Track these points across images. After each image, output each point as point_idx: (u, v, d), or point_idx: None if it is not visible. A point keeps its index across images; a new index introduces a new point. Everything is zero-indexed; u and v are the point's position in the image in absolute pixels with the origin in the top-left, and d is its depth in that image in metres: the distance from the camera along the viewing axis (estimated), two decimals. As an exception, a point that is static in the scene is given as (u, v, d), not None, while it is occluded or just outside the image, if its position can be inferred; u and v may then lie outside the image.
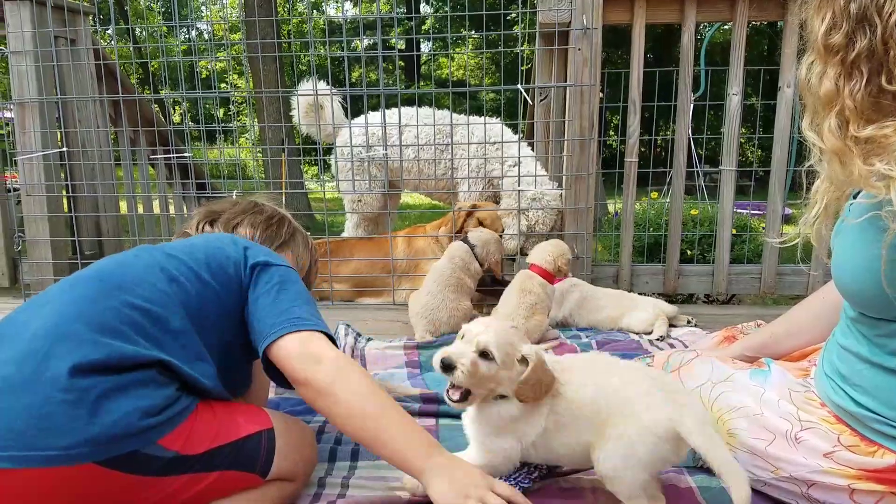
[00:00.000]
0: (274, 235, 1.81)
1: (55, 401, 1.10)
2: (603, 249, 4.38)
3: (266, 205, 1.89)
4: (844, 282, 1.28)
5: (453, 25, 3.45)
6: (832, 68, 1.14)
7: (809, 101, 1.21)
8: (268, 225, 1.81)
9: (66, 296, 1.29)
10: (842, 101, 1.13)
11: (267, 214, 1.84)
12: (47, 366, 1.13)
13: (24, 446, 1.07)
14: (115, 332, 1.21)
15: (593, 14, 3.01)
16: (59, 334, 1.18)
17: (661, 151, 10.33)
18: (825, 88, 1.15)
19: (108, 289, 1.29)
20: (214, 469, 1.25)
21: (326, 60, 3.39)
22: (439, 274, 2.81)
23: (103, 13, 3.70)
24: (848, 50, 1.12)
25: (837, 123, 1.14)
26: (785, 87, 3.03)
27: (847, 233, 1.27)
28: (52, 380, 1.12)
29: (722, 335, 2.06)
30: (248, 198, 1.95)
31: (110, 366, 1.16)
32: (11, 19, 3.28)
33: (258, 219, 1.80)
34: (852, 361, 1.30)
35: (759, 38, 16.81)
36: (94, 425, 1.10)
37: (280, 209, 1.92)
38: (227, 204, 1.85)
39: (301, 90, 3.93)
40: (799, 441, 1.34)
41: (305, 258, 1.90)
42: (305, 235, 1.95)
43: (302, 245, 1.90)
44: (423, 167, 3.77)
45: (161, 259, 1.41)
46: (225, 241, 1.54)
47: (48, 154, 3.38)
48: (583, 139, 3.13)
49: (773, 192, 3.13)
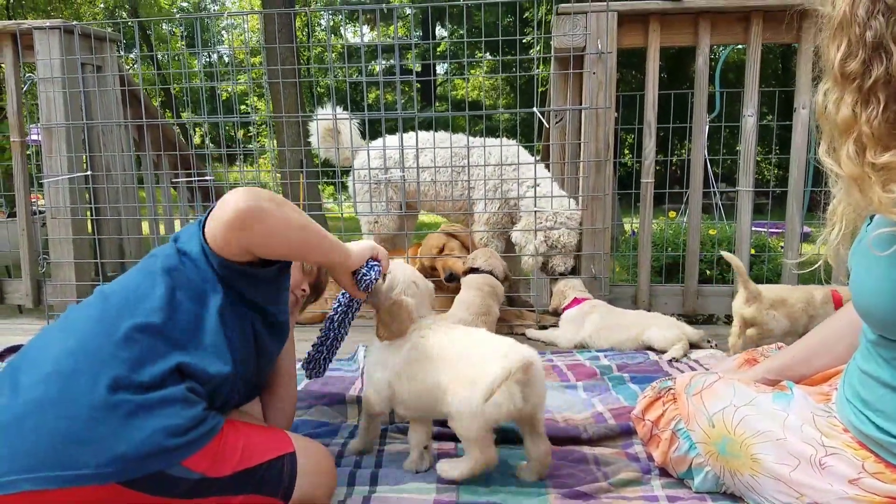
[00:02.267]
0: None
1: (82, 419, 1.12)
2: (620, 269, 4.37)
3: None
4: (863, 304, 1.28)
5: (469, 48, 3.49)
6: (849, 95, 1.15)
7: (826, 128, 1.22)
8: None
9: (81, 317, 1.31)
10: (859, 128, 1.13)
11: None
12: (72, 386, 1.15)
13: (51, 466, 1.09)
14: (132, 343, 1.23)
15: (608, 38, 3.04)
16: (82, 354, 1.20)
17: (677, 170, 10.31)
18: (842, 115, 1.15)
19: (117, 304, 1.31)
20: (240, 492, 1.27)
21: (345, 84, 3.44)
22: (469, 304, 2.85)
23: (127, 37, 3.79)
24: (864, 77, 1.12)
25: (855, 150, 1.14)
26: (800, 108, 3.04)
27: (865, 254, 1.27)
28: (78, 400, 1.14)
29: (743, 358, 2.04)
30: None
31: (134, 382, 1.18)
32: (41, 47, 3.38)
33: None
34: (873, 386, 1.29)
35: (772, 56, 16.80)
36: (120, 444, 1.12)
37: None
38: None
39: (319, 115, 3.98)
40: (823, 467, 1.33)
41: (311, 267, 1.92)
42: None
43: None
44: (439, 189, 3.80)
45: (151, 263, 1.42)
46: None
47: (74, 178, 3.45)
48: (598, 160, 3.15)
49: (790, 213, 3.12)
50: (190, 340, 1.29)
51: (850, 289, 1.32)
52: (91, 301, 1.36)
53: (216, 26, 18.76)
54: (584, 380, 2.42)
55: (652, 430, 1.71)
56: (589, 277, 3.22)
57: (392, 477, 1.65)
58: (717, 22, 3.09)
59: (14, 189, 3.64)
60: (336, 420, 2.06)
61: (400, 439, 1.91)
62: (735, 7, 3.07)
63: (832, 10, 1.19)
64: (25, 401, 1.15)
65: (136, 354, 1.22)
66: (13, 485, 1.09)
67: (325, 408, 2.12)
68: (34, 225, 3.73)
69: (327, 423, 2.03)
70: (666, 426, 1.65)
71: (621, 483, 1.61)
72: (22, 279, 3.70)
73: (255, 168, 4.86)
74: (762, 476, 1.41)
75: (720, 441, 1.49)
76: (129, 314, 1.27)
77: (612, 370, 2.51)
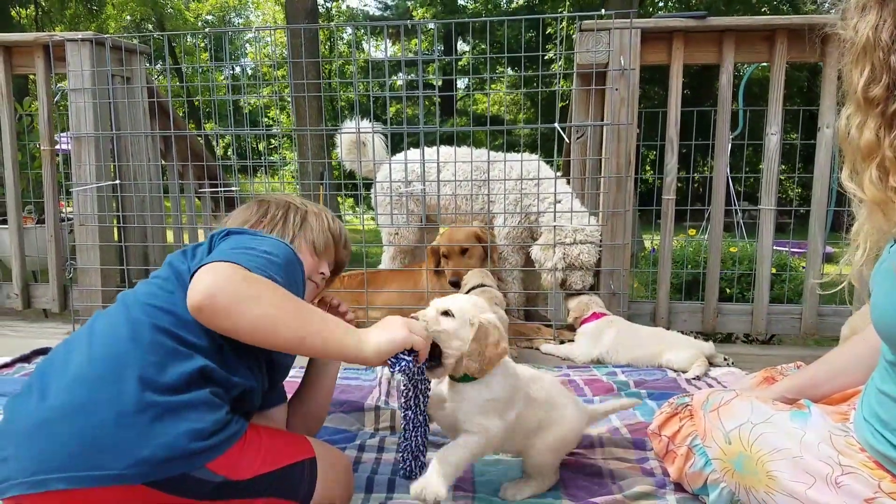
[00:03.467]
0: (283, 232, 1.71)
1: (110, 424, 1.15)
2: (639, 286, 4.36)
3: (271, 201, 1.77)
4: (883, 324, 1.28)
5: (491, 63, 3.53)
6: (872, 120, 1.15)
7: (849, 153, 1.22)
8: (272, 226, 1.71)
9: (106, 323, 1.32)
10: (882, 153, 1.14)
11: (270, 214, 1.73)
12: (99, 392, 1.18)
13: (79, 467, 1.12)
14: (157, 347, 1.25)
15: (631, 55, 3.06)
16: (108, 360, 1.23)
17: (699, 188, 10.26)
18: (865, 140, 1.15)
19: (140, 310, 1.31)
20: (259, 496, 1.29)
21: (367, 98, 3.49)
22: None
23: (154, 49, 3.88)
24: (888, 102, 1.13)
25: (878, 175, 1.15)
26: (825, 127, 3.02)
27: (886, 276, 1.27)
28: (105, 405, 1.16)
29: (761, 376, 2.03)
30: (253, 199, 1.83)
31: (160, 385, 1.20)
32: (72, 58, 3.47)
33: (262, 222, 1.71)
34: (891, 406, 1.28)
35: (798, 73, 16.69)
36: (146, 447, 1.15)
37: (287, 197, 1.81)
38: (238, 216, 1.75)
39: (345, 128, 4.04)
40: (839, 485, 1.32)
41: (322, 239, 1.76)
42: (321, 213, 1.80)
43: (317, 227, 1.76)
44: (460, 203, 3.83)
45: (169, 270, 1.42)
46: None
47: (102, 186, 3.52)
48: (619, 177, 3.16)
49: (813, 233, 3.11)
50: (210, 347, 1.30)
51: (870, 309, 1.32)
52: (115, 308, 1.37)
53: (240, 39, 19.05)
54: (600, 395, 2.42)
55: (668, 445, 1.71)
56: (608, 293, 3.22)
57: (407, 485, 1.66)
58: (741, 40, 3.09)
59: (43, 196, 3.72)
60: (353, 427, 2.08)
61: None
62: (760, 25, 3.08)
63: (854, 35, 1.19)
64: (53, 406, 1.17)
65: (161, 358, 1.24)
66: (42, 484, 1.12)
67: (343, 415, 2.14)
68: (62, 231, 3.81)
69: (345, 431, 2.05)
70: (682, 442, 1.65)
71: (636, 496, 1.61)
72: (49, 284, 3.78)
73: (280, 180, 4.92)
74: (777, 493, 1.41)
75: (736, 458, 1.49)
76: (152, 319, 1.29)
77: (630, 386, 2.50)
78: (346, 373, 2.64)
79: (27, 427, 1.17)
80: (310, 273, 1.70)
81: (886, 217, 1.16)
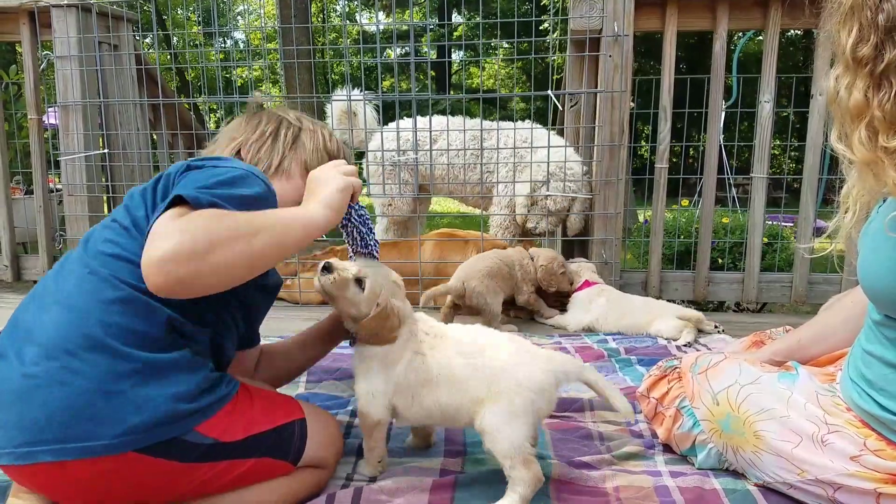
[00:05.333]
0: (272, 151, 1.56)
1: (91, 391, 1.13)
2: (632, 258, 4.36)
3: (262, 116, 1.62)
4: (869, 282, 1.28)
5: (484, 34, 3.49)
6: (861, 80, 1.14)
7: (838, 114, 1.21)
8: (261, 144, 1.56)
9: (60, 287, 1.25)
10: (871, 113, 1.13)
11: (259, 131, 1.58)
12: (75, 360, 1.14)
13: (66, 438, 1.11)
14: (122, 306, 1.19)
15: (625, 21, 3.03)
16: (77, 323, 1.17)
17: (693, 162, 10.28)
18: (854, 100, 1.15)
19: (95, 259, 1.24)
20: (251, 456, 1.29)
21: (359, 70, 3.45)
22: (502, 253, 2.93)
23: (144, 21, 3.82)
24: (877, 62, 1.12)
25: (867, 135, 1.14)
26: (818, 95, 3.01)
27: (874, 235, 1.27)
28: (84, 374, 1.14)
29: (750, 340, 2.04)
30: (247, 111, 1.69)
31: (136, 346, 1.17)
32: (58, 25, 3.41)
33: (250, 137, 1.57)
34: (877, 366, 1.29)
35: (794, 49, 16.59)
36: (133, 414, 1.13)
37: (281, 111, 1.65)
38: (226, 133, 1.61)
39: (335, 97, 4.00)
40: (825, 444, 1.33)
41: (317, 159, 1.58)
42: (316, 130, 1.64)
43: (311, 146, 1.60)
44: (457, 172, 3.81)
45: (122, 214, 1.31)
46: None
47: (90, 155, 3.49)
48: (613, 145, 3.14)
49: (804, 200, 3.11)
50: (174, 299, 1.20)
51: (857, 269, 1.32)
52: (77, 259, 1.27)
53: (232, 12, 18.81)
54: (591, 361, 2.43)
55: (656, 407, 1.72)
56: (600, 262, 3.22)
57: (399, 451, 1.68)
58: (735, 6, 3.06)
59: (31, 166, 3.68)
60: (345, 394, 2.09)
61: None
62: (754, -10, 3.05)
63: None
64: (34, 373, 1.14)
65: (129, 318, 1.18)
66: (30, 455, 1.10)
67: (336, 382, 2.16)
68: (51, 202, 3.78)
69: (337, 397, 2.06)
70: (670, 404, 1.66)
71: (624, 456, 1.63)
72: (39, 255, 3.75)
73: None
74: (764, 453, 1.42)
75: (724, 418, 1.50)
76: (113, 272, 1.22)
77: (620, 353, 2.52)
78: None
79: (10, 393, 1.14)
80: (296, 200, 1.44)
81: (877, 177, 1.15)
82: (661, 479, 1.53)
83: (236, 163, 1.34)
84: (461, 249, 3.42)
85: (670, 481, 1.52)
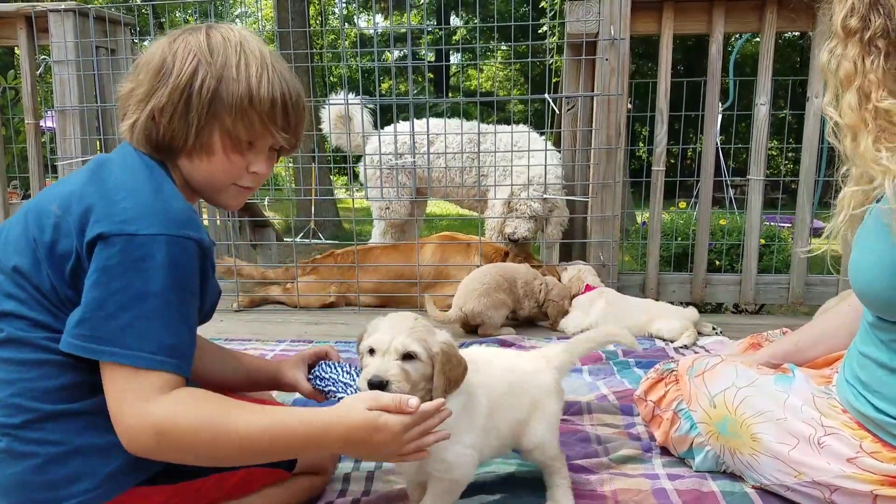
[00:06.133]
0: (186, 119, 1.17)
1: (63, 454, 1.07)
2: (630, 260, 4.37)
3: (175, 55, 1.17)
4: (860, 283, 1.29)
5: (482, 37, 3.49)
6: (852, 48, 1.24)
7: (832, 82, 1.30)
8: (173, 109, 1.16)
9: None
10: (861, 77, 1.23)
11: (170, 86, 1.16)
12: (27, 430, 1.07)
13: (57, 500, 1.07)
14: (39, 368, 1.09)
15: (621, 24, 3.03)
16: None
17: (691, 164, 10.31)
18: (845, 66, 1.25)
19: None
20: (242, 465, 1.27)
21: (357, 73, 3.45)
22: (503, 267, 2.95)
23: (141, 24, 3.82)
24: (864, 31, 1.22)
25: (857, 99, 1.23)
26: (813, 97, 3.02)
27: (867, 235, 1.28)
28: (42, 440, 1.07)
29: (747, 342, 2.05)
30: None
31: (80, 397, 1.09)
32: (55, 29, 3.41)
33: (162, 98, 1.16)
34: (872, 368, 1.30)
35: (790, 50, 16.62)
36: (113, 461, 1.09)
37: (197, 38, 1.19)
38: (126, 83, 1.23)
39: (331, 101, 4.00)
40: (822, 446, 1.34)
41: (248, 123, 1.19)
42: (245, 68, 1.18)
43: (238, 103, 1.17)
44: (453, 175, 3.82)
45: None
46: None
47: (87, 160, 3.48)
48: (609, 148, 3.14)
49: (801, 202, 3.11)
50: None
51: (849, 268, 1.33)
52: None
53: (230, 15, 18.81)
54: (589, 364, 2.43)
55: (654, 410, 1.72)
56: (598, 265, 3.23)
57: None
58: (731, 9, 3.07)
59: (28, 171, 3.68)
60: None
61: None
62: (751, -7, 3.06)
63: None
64: None
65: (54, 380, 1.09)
66: None
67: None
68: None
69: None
70: (668, 406, 1.66)
71: (622, 460, 1.63)
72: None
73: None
74: (761, 455, 1.42)
75: (721, 421, 1.50)
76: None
77: (618, 355, 2.52)
78: (337, 345, 2.64)
79: None
80: (228, 179, 1.25)
81: (855, 143, 1.24)
82: (658, 482, 1.53)
83: (155, 225, 1.06)
84: (463, 251, 3.44)
85: (668, 484, 1.52)
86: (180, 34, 1.21)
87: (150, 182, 1.13)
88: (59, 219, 1.08)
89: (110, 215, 1.05)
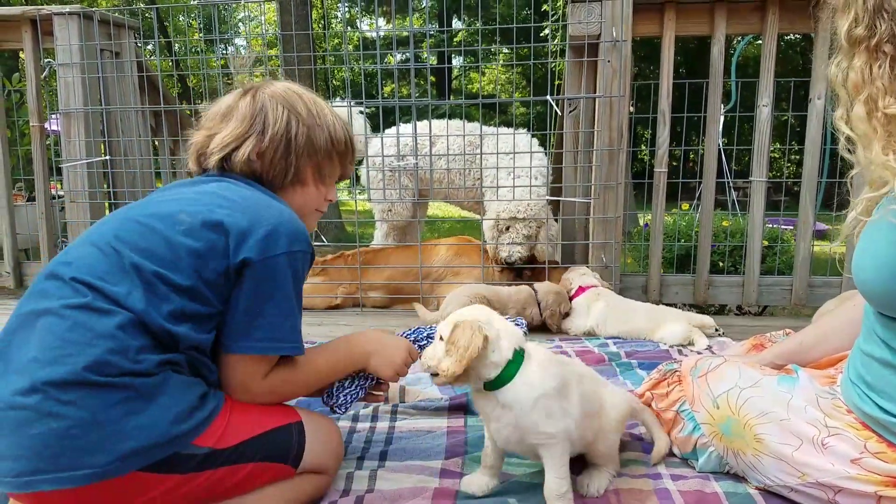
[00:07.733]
0: (286, 158, 1.46)
1: (87, 423, 1.11)
2: (632, 262, 4.37)
3: (266, 105, 1.46)
4: (862, 279, 1.29)
5: (484, 40, 3.50)
6: (859, 57, 1.25)
7: (842, 95, 1.30)
8: (275, 150, 1.44)
9: (40, 312, 1.20)
10: (870, 86, 1.23)
11: (270, 132, 1.44)
12: (62, 391, 1.12)
13: (64, 467, 1.09)
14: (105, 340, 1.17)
15: (623, 26, 3.04)
16: (55, 355, 1.14)
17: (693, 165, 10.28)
18: (853, 77, 1.25)
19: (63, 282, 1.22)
20: (249, 460, 1.29)
21: (360, 76, 3.46)
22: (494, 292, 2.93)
23: (145, 28, 3.84)
24: (870, 38, 1.23)
25: (866, 109, 1.24)
26: (816, 98, 3.02)
27: (870, 228, 1.28)
28: (73, 402, 1.11)
29: (750, 343, 2.05)
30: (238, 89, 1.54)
31: (123, 369, 1.15)
32: (60, 33, 3.43)
33: (262, 141, 1.44)
34: (876, 367, 1.30)
35: (793, 52, 16.61)
36: (130, 440, 1.13)
37: (279, 92, 1.48)
38: (229, 129, 1.45)
39: (334, 105, 4.01)
40: (826, 447, 1.34)
41: (330, 163, 1.53)
42: (323, 119, 1.50)
43: (324, 145, 1.50)
44: (453, 177, 3.82)
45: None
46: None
47: (92, 162, 3.50)
48: (612, 150, 3.15)
49: (804, 203, 3.11)
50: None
51: (852, 263, 1.33)
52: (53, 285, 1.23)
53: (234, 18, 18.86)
54: (592, 365, 2.42)
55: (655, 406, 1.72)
56: (600, 266, 3.23)
57: (400, 454, 1.69)
58: (733, 11, 3.07)
59: (33, 173, 3.70)
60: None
61: (411, 415, 1.95)
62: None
63: None
64: (25, 404, 1.11)
65: (118, 342, 1.16)
66: (29, 485, 1.09)
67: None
68: (53, 209, 3.78)
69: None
70: (670, 407, 1.66)
71: (625, 461, 1.63)
72: (41, 262, 3.76)
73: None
74: (765, 456, 1.42)
75: (724, 422, 1.50)
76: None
77: (621, 356, 2.52)
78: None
79: (3, 420, 1.12)
80: (314, 206, 1.56)
81: (866, 152, 1.25)
82: (661, 483, 1.53)
83: (296, 243, 1.34)
84: (477, 252, 3.44)
85: (671, 485, 1.52)
86: (249, 90, 1.49)
87: (281, 204, 1.41)
88: (216, 241, 1.27)
89: (261, 237, 1.28)
